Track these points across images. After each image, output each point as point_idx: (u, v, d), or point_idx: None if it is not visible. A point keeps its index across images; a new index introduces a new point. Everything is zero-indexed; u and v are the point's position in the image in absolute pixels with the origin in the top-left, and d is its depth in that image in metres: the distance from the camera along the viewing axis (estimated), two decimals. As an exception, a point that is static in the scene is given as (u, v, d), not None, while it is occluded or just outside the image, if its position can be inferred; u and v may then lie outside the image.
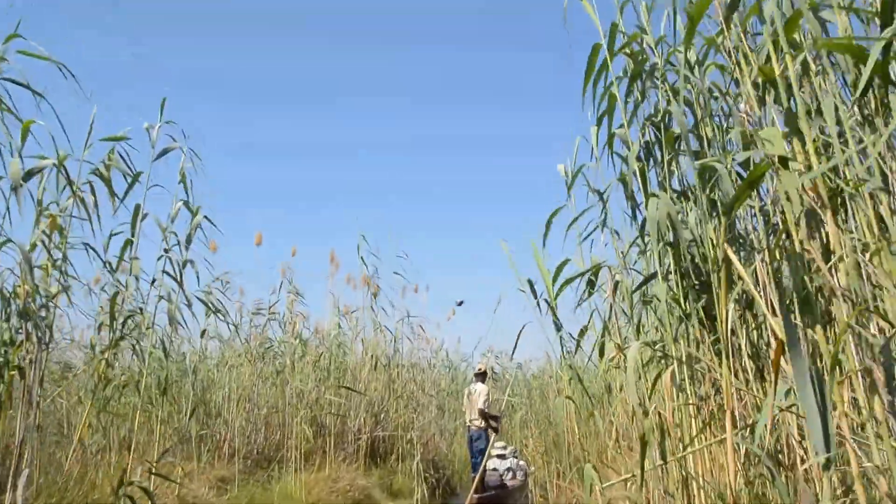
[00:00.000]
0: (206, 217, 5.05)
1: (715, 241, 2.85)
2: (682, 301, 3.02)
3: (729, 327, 1.93)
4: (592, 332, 3.79)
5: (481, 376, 9.13)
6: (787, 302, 1.95)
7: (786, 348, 1.88)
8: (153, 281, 4.83)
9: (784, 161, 1.75)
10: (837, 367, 1.50)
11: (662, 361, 3.05)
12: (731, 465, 1.85)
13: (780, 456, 2.84)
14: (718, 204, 3.25)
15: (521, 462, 8.88)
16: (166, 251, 4.94)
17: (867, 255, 1.76)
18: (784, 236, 2.76)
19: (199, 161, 4.96)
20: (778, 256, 2.19)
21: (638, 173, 3.13)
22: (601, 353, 3.53)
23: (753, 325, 3.05)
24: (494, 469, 8.41)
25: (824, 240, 1.89)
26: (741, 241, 3.35)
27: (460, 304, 9.32)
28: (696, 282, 3.19)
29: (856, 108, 2.02)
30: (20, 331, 3.71)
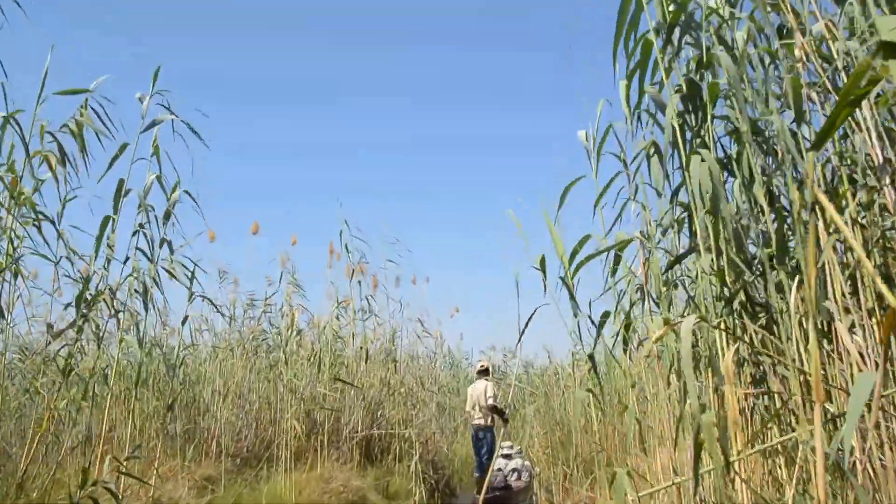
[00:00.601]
0: (186, 192, 4.60)
1: (765, 201, 2.42)
2: (725, 279, 2.58)
3: (815, 293, 1.49)
4: (616, 320, 3.34)
5: (484, 373, 8.79)
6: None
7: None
8: (126, 259, 4.38)
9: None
10: None
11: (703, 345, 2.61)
12: (821, 475, 1.40)
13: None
14: (760, 173, 2.82)
15: (527, 463, 8.47)
16: (141, 226, 4.50)
17: None
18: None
19: (198, 144, 4.43)
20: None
21: (677, 129, 2.67)
22: (625, 341, 3.10)
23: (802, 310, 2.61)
24: (499, 469, 8.02)
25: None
26: (786, 211, 2.91)
27: None
28: (739, 259, 2.75)
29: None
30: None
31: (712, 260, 2.45)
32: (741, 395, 2.21)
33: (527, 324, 2.43)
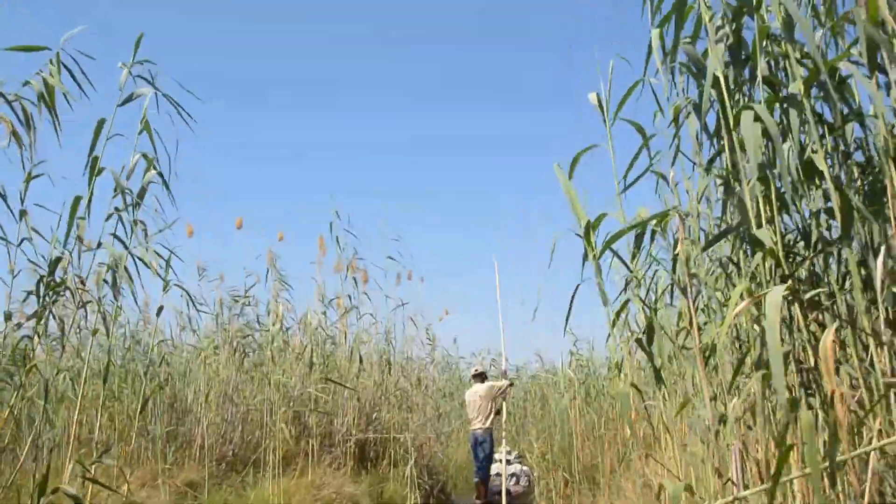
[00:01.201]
0: (159, 173, 4.16)
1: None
2: (779, 256, 2.22)
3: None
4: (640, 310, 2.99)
5: (480, 377, 8.45)
6: None
7: None
8: (98, 245, 3.98)
9: None
10: None
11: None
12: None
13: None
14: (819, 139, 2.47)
15: (526, 468, 8.13)
16: (118, 210, 4.09)
17: None
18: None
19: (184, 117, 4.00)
20: None
21: (722, 80, 2.31)
22: (650, 331, 2.74)
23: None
24: (498, 474, 7.69)
25: None
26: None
27: None
28: (798, 235, 2.40)
29: None
30: None
31: (772, 234, 2.08)
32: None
33: (571, 304, 2.09)
